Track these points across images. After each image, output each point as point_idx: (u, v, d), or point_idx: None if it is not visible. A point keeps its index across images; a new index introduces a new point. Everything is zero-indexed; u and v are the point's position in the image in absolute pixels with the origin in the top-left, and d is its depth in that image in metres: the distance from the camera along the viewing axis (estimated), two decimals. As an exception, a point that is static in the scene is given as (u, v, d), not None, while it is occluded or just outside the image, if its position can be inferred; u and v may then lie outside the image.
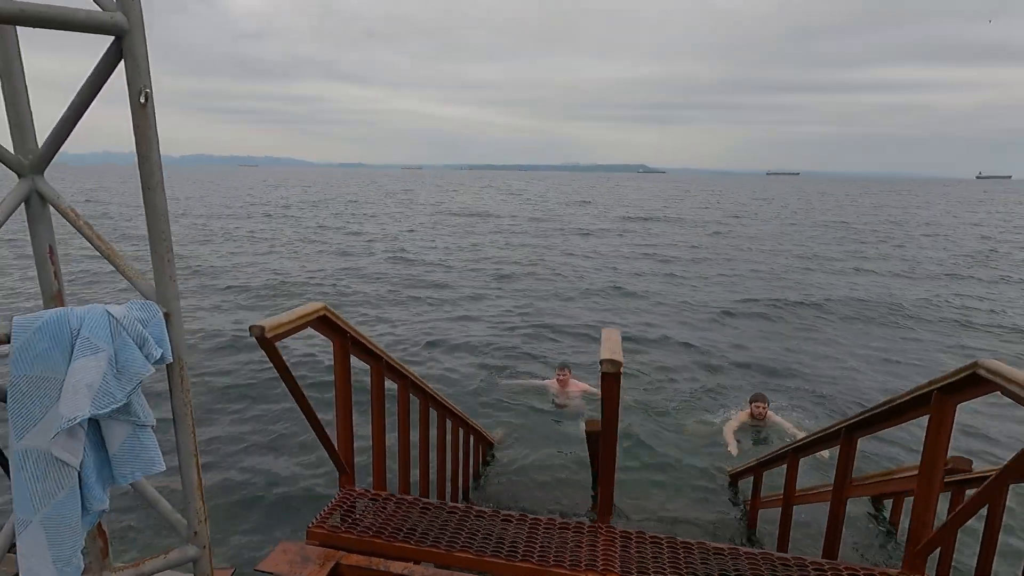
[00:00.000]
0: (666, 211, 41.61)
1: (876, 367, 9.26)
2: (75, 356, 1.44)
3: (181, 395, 1.67)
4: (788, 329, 11.41)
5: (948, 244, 25.17)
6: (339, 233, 25.08)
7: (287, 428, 6.32)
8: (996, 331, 11.65)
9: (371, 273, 15.94)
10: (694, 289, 14.89)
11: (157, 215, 1.54)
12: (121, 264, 1.60)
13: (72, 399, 1.41)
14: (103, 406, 1.46)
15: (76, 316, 1.46)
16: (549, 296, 13.64)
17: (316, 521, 2.39)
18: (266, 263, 17.18)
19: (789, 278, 16.37)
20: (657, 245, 23.12)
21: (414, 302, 12.80)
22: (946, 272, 18.13)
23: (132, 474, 1.56)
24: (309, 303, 2.30)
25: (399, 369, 3.15)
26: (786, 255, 20.70)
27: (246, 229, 25.69)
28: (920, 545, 2.14)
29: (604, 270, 17.36)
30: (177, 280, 1.63)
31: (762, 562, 2.31)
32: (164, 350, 1.58)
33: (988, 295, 14.86)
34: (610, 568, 2.20)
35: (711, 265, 18.59)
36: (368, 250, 20.10)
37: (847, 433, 2.90)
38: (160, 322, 1.58)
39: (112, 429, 1.53)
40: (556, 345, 9.99)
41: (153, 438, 1.59)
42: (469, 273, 16.32)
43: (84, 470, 1.49)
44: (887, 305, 13.27)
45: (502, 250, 20.83)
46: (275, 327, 1.99)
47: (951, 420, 2.09)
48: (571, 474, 5.66)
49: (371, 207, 42.31)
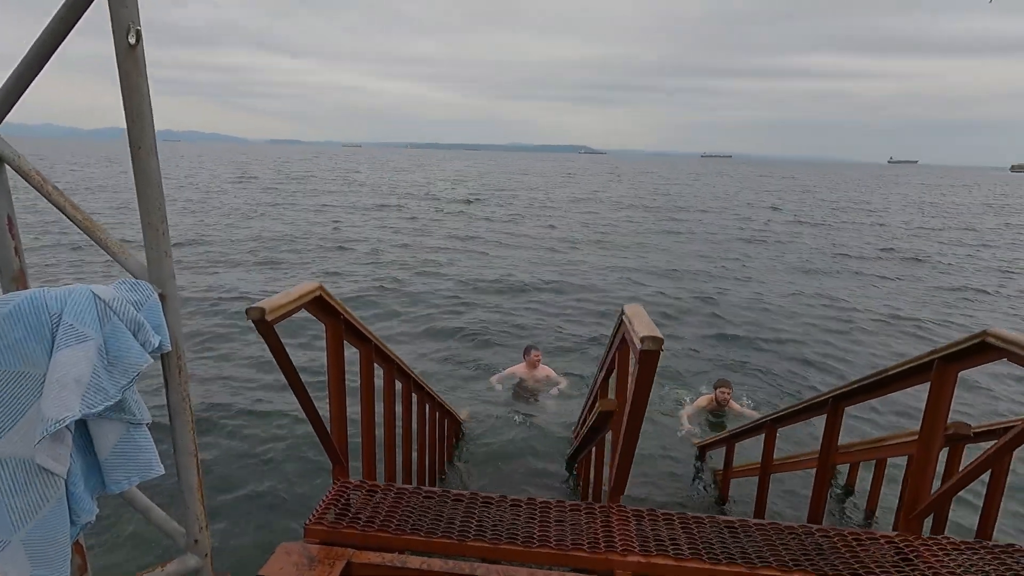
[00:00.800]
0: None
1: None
2: (57, 346, 1.21)
3: (179, 387, 1.46)
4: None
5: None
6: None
7: (264, 415, 5.96)
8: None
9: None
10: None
11: (149, 180, 1.32)
12: (102, 236, 1.36)
13: (58, 397, 1.19)
14: (95, 404, 1.25)
15: (55, 299, 1.23)
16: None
17: (314, 518, 2.22)
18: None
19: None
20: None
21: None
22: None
23: (127, 480, 1.36)
24: (304, 282, 2.09)
25: (387, 353, 2.98)
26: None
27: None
28: (919, 508, 2.23)
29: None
30: (172, 256, 1.41)
31: (771, 531, 2.34)
32: (163, 337, 1.37)
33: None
34: (630, 548, 2.16)
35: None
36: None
37: (834, 402, 2.99)
38: (155, 304, 1.37)
39: (103, 429, 1.31)
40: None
41: (149, 438, 1.39)
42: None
43: (71, 478, 1.27)
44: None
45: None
46: (275, 309, 1.79)
47: (952, 387, 2.16)
48: (541, 457, 5.64)
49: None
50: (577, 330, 9.77)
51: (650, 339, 1.67)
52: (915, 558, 2.18)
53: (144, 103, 1.27)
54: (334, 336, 2.37)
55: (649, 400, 2.02)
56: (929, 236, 23.00)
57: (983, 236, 23.71)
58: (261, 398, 6.46)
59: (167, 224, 1.38)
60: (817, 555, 2.19)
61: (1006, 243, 21.98)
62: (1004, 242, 22.18)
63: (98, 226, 1.37)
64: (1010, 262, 17.78)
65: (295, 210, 24.73)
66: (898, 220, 28.76)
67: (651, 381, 1.85)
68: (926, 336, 10.25)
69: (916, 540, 2.27)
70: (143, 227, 1.35)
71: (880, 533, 2.35)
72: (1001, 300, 13.13)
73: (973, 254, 19.04)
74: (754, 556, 2.16)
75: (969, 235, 23.91)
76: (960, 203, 42.43)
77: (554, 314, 10.67)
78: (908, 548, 2.23)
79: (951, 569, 2.06)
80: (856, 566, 2.13)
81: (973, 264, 17.28)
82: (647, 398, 1.92)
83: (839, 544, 2.27)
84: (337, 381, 2.42)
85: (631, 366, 1.88)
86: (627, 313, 2.01)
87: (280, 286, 11.33)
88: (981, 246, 20.89)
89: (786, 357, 8.85)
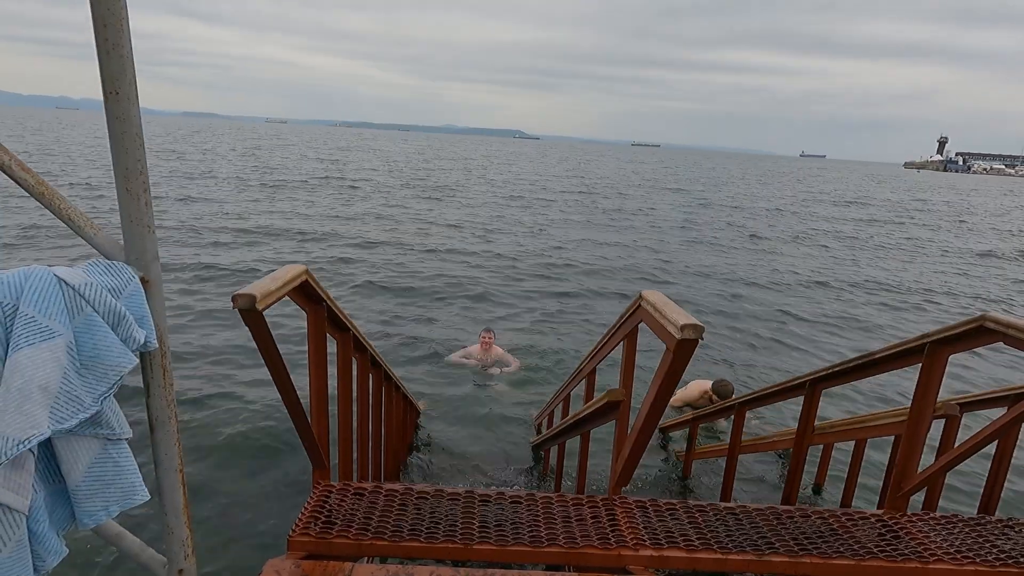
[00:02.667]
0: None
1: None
2: (15, 344, 0.94)
3: (162, 391, 1.20)
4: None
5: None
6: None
7: (230, 413, 5.42)
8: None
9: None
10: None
11: (129, 134, 1.05)
12: (62, 205, 1.07)
13: (19, 411, 0.92)
14: (66, 417, 0.98)
15: (7, 284, 0.95)
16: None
17: (298, 528, 1.98)
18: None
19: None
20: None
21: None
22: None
23: (104, 510, 1.10)
24: (288, 265, 1.82)
25: (363, 342, 2.74)
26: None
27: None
28: (908, 488, 2.30)
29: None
30: (156, 232, 1.14)
31: (770, 516, 2.34)
32: (148, 331, 1.10)
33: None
34: (640, 541, 2.09)
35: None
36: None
37: (812, 385, 3.05)
38: (137, 291, 1.10)
39: (73, 448, 1.05)
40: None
41: (131, 456, 1.13)
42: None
43: (32, 514, 1.00)
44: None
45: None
46: (266, 296, 1.53)
47: (942, 369, 2.23)
48: (506, 444, 5.54)
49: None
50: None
51: (691, 327, 1.57)
52: (905, 535, 2.25)
53: (123, 34, 1.00)
54: (316, 325, 2.11)
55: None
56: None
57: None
58: (204, 388, 5.93)
59: (150, 192, 1.11)
60: (818, 538, 2.21)
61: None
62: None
63: (56, 193, 1.07)
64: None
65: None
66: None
67: (683, 371, 1.76)
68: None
69: (903, 517, 2.34)
70: (119, 195, 1.08)
71: (870, 512, 2.40)
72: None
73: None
74: (761, 543, 2.14)
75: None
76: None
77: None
78: (898, 526, 2.30)
79: (953, 546, 2.13)
80: (855, 547, 2.16)
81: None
82: (672, 389, 1.83)
83: (835, 525, 2.31)
84: (319, 376, 2.16)
85: (664, 355, 1.77)
86: (651, 301, 1.90)
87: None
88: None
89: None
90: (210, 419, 5.34)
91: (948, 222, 29.25)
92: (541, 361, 7.57)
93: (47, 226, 12.47)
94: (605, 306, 10.43)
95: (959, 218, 31.57)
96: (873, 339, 9.73)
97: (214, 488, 4.35)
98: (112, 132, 1.04)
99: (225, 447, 4.92)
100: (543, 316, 9.69)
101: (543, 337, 8.58)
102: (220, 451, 4.87)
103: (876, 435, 3.06)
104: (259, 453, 4.88)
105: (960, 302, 12.94)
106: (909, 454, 2.34)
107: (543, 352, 7.90)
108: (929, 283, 14.52)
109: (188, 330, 7.66)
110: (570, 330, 9.01)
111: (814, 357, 8.49)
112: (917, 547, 2.20)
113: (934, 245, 21.01)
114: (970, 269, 17.04)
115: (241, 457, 4.81)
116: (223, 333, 7.53)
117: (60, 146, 40.18)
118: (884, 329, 10.34)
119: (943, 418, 2.55)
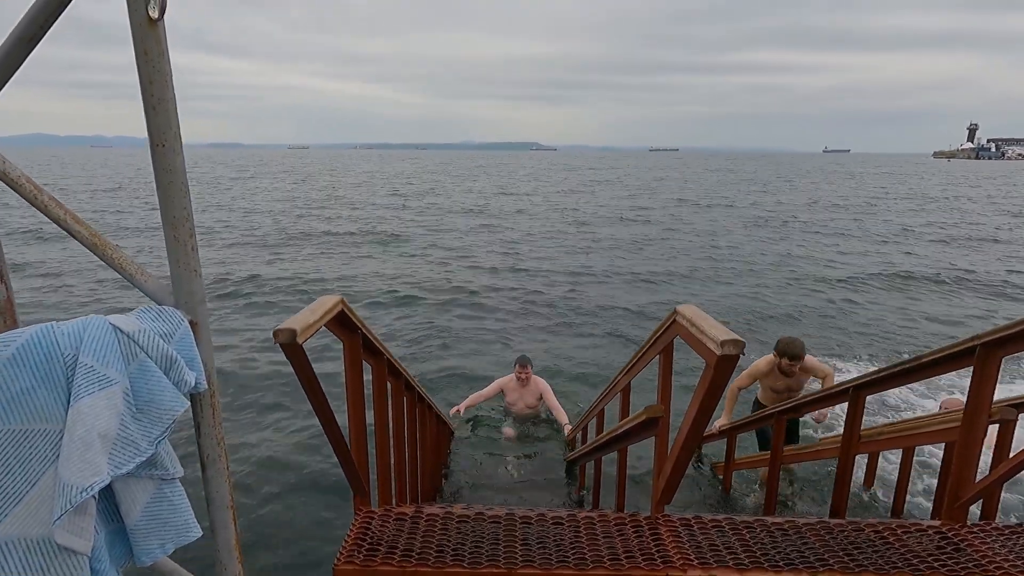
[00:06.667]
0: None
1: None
2: (76, 394, 0.97)
3: (212, 431, 1.23)
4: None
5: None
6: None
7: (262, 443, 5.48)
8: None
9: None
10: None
11: (175, 184, 1.08)
12: (114, 255, 1.12)
13: (82, 459, 0.95)
14: (125, 462, 1.02)
15: (67, 335, 0.99)
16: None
17: (343, 556, 2.00)
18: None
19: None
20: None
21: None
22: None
23: (160, 547, 1.12)
24: (323, 297, 1.86)
25: (397, 367, 2.76)
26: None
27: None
28: (966, 497, 2.20)
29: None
30: (202, 275, 1.17)
31: (821, 530, 2.27)
32: (198, 373, 1.13)
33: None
34: (688, 561, 2.04)
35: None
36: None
37: (855, 391, 2.96)
38: (187, 335, 1.13)
39: (130, 489, 1.08)
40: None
41: (184, 495, 1.16)
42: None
43: (94, 554, 1.03)
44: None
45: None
46: (305, 329, 1.56)
47: (995, 372, 2.14)
48: (539, 461, 5.48)
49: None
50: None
51: (731, 343, 1.55)
52: (966, 547, 2.15)
53: (167, 89, 1.04)
54: (352, 352, 2.14)
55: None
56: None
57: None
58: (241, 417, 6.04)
59: (196, 238, 1.15)
60: (873, 552, 2.13)
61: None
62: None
63: (108, 243, 1.12)
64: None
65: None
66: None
67: (724, 387, 1.73)
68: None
69: (963, 529, 2.24)
70: (167, 240, 1.12)
71: (927, 523, 2.31)
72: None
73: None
74: (814, 560, 2.08)
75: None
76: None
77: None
78: (958, 538, 2.20)
79: (1021, 557, 2.03)
80: (914, 561, 2.08)
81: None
82: (715, 405, 1.80)
83: (890, 538, 2.22)
84: (356, 404, 2.19)
85: (704, 371, 1.74)
86: (687, 315, 1.88)
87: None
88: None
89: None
90: (244, 447, 5.43)
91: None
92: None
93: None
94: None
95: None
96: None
97: (258, 515, 4.41)
98: (159, 183, 1.09)
99: (262, 473, 5.00)
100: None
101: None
102: (258, 477, 4.94)
103: (926, 442, 2.95)
104: (297, 478, 4.93)
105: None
106: (965, 462, 2.25)
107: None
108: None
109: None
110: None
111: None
112: (980, 559, 2.10)
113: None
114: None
115: (278, 485, 4.86)
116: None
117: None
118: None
119: (997, 423, 2.45)
